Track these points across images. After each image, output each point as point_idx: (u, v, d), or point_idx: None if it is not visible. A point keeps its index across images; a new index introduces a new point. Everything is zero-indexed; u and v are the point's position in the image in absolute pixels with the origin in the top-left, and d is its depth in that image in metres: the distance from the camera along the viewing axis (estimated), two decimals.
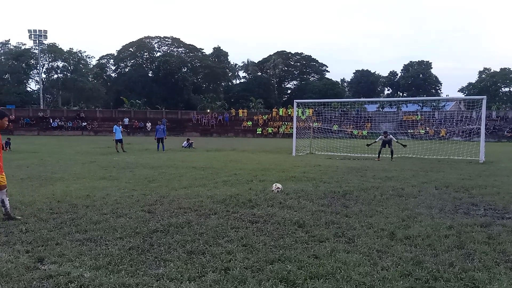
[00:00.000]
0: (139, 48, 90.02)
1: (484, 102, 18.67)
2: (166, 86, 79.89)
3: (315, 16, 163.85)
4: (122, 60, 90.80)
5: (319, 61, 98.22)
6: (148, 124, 56.86)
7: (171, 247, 4.73)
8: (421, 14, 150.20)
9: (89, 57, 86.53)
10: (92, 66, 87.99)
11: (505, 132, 46.97)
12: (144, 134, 54.63)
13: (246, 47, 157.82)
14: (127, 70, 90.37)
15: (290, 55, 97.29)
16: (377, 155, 18.32)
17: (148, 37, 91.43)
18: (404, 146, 18.95)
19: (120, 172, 12.34)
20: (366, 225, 5.84)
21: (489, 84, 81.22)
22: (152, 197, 7.89)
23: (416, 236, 5.23)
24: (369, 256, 4.49)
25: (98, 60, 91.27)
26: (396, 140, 18.71)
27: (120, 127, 23.52)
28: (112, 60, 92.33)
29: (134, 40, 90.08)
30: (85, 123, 57.46)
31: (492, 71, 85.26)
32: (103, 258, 4.33)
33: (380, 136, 18.70)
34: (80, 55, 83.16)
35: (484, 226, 5.81)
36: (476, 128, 22.74)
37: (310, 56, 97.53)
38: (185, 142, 27.17)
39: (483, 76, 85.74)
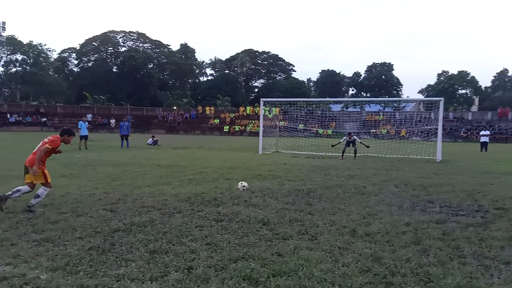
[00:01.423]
0: (103, 42, 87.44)
1: (442, 103, 19.46)
2: (131, 82, 78.11)
3: (282, 15, 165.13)
4: (85, 54, 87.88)
5: (286, 60, 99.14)
6: (112, 121, 55.47)
7: (133, 247, 4.65)
8: (384, 16, 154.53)
9: (50, 51, 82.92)
10: (53, 59, 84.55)
11: (461, 132, 49.17)
12: (107, 130, 53.23)
13: (213, 45, 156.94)
14: (90, 64, 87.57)
15: (257, 53, 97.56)
16: (341, 154, 18.72)
17: (113, 32, 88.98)
18: (367, 147, 19.44)
19: (82, 169, 11.99)
20: (328, 222, 5.97)
21: (447, 86, 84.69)
22: (115, 196, 7.72)
23: (376, 233, 5.40)
24: (331, 253, 4.59)
25: (60, 53, 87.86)
26: (359, 141, 19.17)
27: (86, 123, 22.83)
28: (74, 54, 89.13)
29: (97, 34, 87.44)
30: (45, 119, 55.31)
31: (450, 73, 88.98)
32: (61, 259, 4.20)
33: (345, 137, 19.12)
34: (40, 48, 79.61)
35: (439, 222, 6.07)
36: (434, 128, 23.66)
37: (277, 55, 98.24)
38: (150, 139, 26.71)
39: (441, 78, 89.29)
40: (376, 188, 9.30)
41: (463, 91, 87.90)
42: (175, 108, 64.43)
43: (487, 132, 28.28)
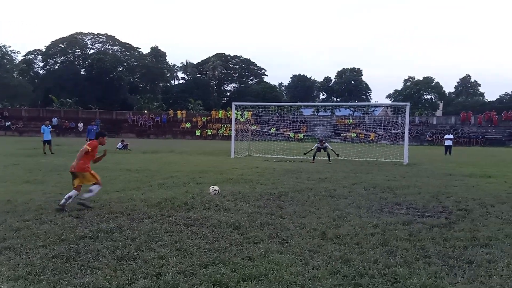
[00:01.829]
0: (70, 44, 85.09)
1: (408, 108, 20.04)
2: (100, 85, 76.34)
3: (253, 19, 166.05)
4: (52, 57, 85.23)
5: (257, 65, 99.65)
6: (80, 125, 53.95)
7: (99, 254, 4.52)
8: (353, 22, 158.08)
9: (14, 52, 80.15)
10: (17, 62, 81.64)
11: (427, 136, 50.74)
12: (75, 135, 51.74)
13: (185, 48, 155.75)
14: (57, 67, 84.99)
15: (229, 57, 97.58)
16: (312, 158, 18.95)
17: (81, 33, 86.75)
18: (337, 155, 19.55)
19: (47, 175, 11.59)
20: (299, 225, 6.01)
21: (413, 92, 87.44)
22: None
23: (345, 235, 5.48)
24: (301, 256, 4.62)
25: (25, 55, 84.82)
26: (330, 148, 19.40)
27: (49, 127, 22.11)
28: (40, 56, 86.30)
29: (64, 36, 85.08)
30: (9, 123, 53.18)
31: (415, 79, 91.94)
32: (23, 268, 4.04)
33: (316, 145, 19.39)
34: (4, 49, 76.73)
35: (406, 224, 6.22)
36: (401, 132, 24.33)
37: (249, 60, 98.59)
38: (120, 143, 26.15)
39: (407, 84, 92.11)
40: (345, 191, 9.45)
41: (428, 96, 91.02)
42: (145, 111, 63.42)
43: (451, 136, 29.29)
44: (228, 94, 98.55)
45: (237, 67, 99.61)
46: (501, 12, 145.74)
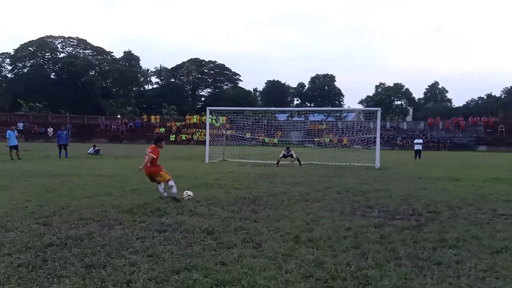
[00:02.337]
0: (40, 47, 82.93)
1: (379, 113, 20.50)
2: (71, 89, 74.59)
3: (228, 25, 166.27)
4: (20, 60, 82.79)
5: (232, 70, 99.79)
6: (50, 130, 52.53)
7: (67, 262, 4.38)
8: (326, 28, 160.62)
9: None
10: None
11: (397, 141, 52.03)
12: (45, 140, 50.33)
13: (159, 53, 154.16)
14: (26, 70, 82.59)
15: (204, 62, 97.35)
16: (276, 163, 19.10)
17: (51, 36, 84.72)
18: (300, 165, 19.28)
19: (14, 181, 11.20)
20: (273, 229, 6.01)
21: (384, 97, 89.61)
22: (50, 208, 7.27)
23: (319, 239, 5.52)
24: (275, 260, 4.62)
25: None
26: (295, 157, 19.29)
27: (15, 132, 21.38)
28: (8, 60, 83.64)
29: (34, 39, 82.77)
30: None
31: (386, 85, 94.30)
32: None
33: (283, 152, 19.56)
34: None
35: (378, 226, 6.33)
36: (373, 137, 24.83)
37: (224, 65, 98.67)
38: (91, 148, 25.59)
39: (379, 90, 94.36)
40: (319, 195, 9.54)
41: (399, 102, 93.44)
42: (118, 116, 62.31)
43: (420, 141, 30.09)
44: (203, 99, 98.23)
45: (212, 72, 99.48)
46: (467, 23, 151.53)
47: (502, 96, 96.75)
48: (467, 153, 39.77)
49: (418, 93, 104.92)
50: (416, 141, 29.95)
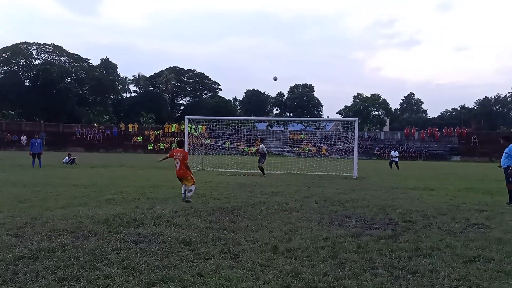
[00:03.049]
0: (14, 54, 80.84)
1: (357, 123, 20.83)
2: (46, 97, 72.75)
3: (207, 33, 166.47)
4: None
5: (211, 79, 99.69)
6: (23, 138, 51.07)
7: (39, 275, 4.24)
8: (305, 38, 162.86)
9: None
10: None
11: (375, 150, 52.88)
12: (18, 148, 48.90)
13: (137, 61, 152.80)
14: None
15: (183, 71, 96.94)
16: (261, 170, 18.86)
17: (25, 43, 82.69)
18: (263, 174, 18.52)
19: None
20: (251, 240, 5.99)
21: (362, 108, 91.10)
22: (22, 219, 7.03)
23: (297, 249, 5.53)
24: (252, 270, 4.59)
25: None
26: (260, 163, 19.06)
27: None
28: None
29: (8, 46, 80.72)
30: None
31: (364, 96, 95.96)
32: None
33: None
34: None
35: (355, 236, 6.39)
36: (351, 147, 25.17)
37: (203, 74, 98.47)
38: (66, 157, 24.99)
39: (357, 100, 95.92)
40: (297, 205, 9.57)
41: (376, 113, 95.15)
42: (95, 124, 61.23)
43: (397, 153, 30.49)
44: (182, 107, 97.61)
45: (191, 80, 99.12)
46: (441, 36, 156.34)
47: (475, 108, 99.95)
48: (442, 163, 40.77)
49: (394, 104, 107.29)
50: (392, 153, 30.23)
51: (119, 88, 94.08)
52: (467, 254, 5.41)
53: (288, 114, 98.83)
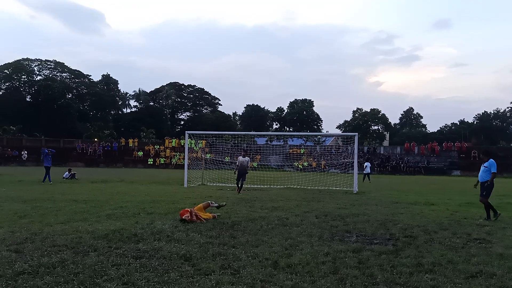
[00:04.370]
0: (16, 70, 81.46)
1: (356, 138, 20.88)
2: (47, 112, 73.18)
3: (206, 49, 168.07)
4: None
5: (211, 94, 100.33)
6: (24, 153, 51.12)
7: None
8: (304, 55, 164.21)
9: None
10: None
11: (375, 165, 52.74)
12: (18, 163, 48.88)
13: (138, 76, 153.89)
14: (0, 93, 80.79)
15: (183, 86, 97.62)
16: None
17: (27, 59, 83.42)
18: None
19: None
20: (251, 255, 5.96)
21: (361, 122, 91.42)
22: (22, 235, 7.01)
23: (297, 264, 5.51)
24: (253, 286, 4.57)
25: None
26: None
27: None
28: None
29: (10, 62, 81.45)
30: None
31: (363, 110, 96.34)
32: None
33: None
34: None
35: (356, 251, 6.36)
36: (351, 161, 25.18)
37: (203, 89, 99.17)
38: (67, 172, 25.00)
39: (356, 115, 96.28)
40: (298, 220, 9.54)
41: (376, 127, 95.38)
42: (95, 140, 61.31)
43: (369, 164, 30.37)
44: (182, 122, 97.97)
45: (191, 96, 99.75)
46: (440, 52, 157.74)
47: (475, 122, 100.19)
48: (442, 178, 40.66)
49: (394, 119, 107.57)
50: (366, 164, 30.05)
51: (120, 103, 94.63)
52: (469, 270, 5.39)
53: (288, 129, 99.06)
